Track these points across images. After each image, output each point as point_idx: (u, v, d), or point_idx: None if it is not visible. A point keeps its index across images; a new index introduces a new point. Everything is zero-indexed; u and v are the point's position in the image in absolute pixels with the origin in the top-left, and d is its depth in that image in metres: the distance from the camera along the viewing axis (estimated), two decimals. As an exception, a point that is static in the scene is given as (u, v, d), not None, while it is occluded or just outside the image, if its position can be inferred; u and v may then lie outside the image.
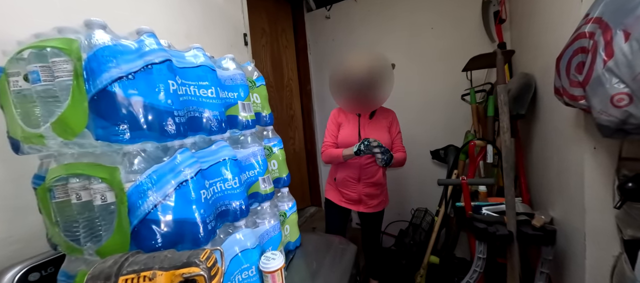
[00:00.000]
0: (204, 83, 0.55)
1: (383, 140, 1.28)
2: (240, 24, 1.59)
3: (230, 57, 0.69)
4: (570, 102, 0.87)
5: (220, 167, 0.56)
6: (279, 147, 0.82)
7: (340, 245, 0.85)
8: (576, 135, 0.97)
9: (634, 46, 0.65)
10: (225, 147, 0.60)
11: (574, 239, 1.02)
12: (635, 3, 0.66)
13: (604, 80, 0.71)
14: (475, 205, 1.26)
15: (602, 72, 0.72)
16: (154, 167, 0.44)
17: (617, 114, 0.69)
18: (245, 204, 0.60)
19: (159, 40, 0.47)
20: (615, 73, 0.69)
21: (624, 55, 0.67)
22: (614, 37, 0.70)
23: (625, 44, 0.67)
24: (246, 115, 0.68)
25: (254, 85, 0.77)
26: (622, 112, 0.68)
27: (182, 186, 0.46)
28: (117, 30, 0.89)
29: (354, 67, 1.11)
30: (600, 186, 0.90)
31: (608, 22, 0.73)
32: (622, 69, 0.68)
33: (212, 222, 0.50)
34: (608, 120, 0.72)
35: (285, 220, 0.80)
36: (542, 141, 1.31)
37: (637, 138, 0.73)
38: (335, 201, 1.43)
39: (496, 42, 1.72)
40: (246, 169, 0.65)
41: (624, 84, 0.68)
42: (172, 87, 0.46)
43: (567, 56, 0.87)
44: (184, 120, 0.49)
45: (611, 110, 0.71)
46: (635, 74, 0.65)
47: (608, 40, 0.71)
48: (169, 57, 0.47)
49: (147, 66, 0.43)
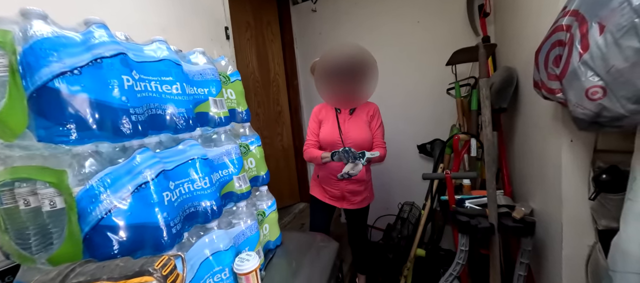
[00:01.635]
0: (167, 78, 0.52)
1: (363, 136, 1.27)
2: (222, 16, 1.53)
3: (200, 51, 0.66)
4: (548, 96, 0.88)
5: (187, 167, 0.53)
6: (257, 144, 0.80)
7: (321, 242, 0.84)
8: (554, 128, 0.98)
9: (608, 39, 0.65)
10: (195, 146, 0.57)
11: (552, 229, 1.04)
12: (610, -5, 0.66)
13: (579, 74, 0.72)
14: (458, 199, 1.28)
15: (578, 65, 0.72)
16: (107, 169, 0.41)
17: (592, 106, 0.70)
18: (217, 205, 0.58)
19: (111, 32, 0.44)
20: (590, 66, 0.69)
21: (599, 48, 0.67)
22: (590, 29, 0.70)
23: (600, 36, 0.67)
24: (218, 111, 0.65)
25: (228, 80, 0.74)
26: (596, 105, 0.69)
27: (141, 189, 0.43)
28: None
29: (339, 59, 1.08)
30: (577, 178, 0.92)
31: (584, 15, 0.73)
32: (596, 62, 0.68)
33: (178, 225, 0.47)
34: (583, 113, 0.73)
35: (264, 219, 0.78)
36: (523, 134, 1.33)
37: (611, 130, 0.75)
38: (320, 198, 1.42)
39: (480, 36, 1.73)
40: (219, 168, 0.63)
41: (599, 76, 0.68)
42: (128, 83, 0.43)
43: (545, 49, 0.87)
44: (143, 118, 0.46)
45: (586, 103, 0.71)
46: (609, 67, 0.65)
47: (584, 33, 0.71)
48: (122, 51, 0.43)
49: (96, 60, 0.40)
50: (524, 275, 1.11)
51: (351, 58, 1.08)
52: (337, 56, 1.10)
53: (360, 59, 1.08)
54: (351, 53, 1.10)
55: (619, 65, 0.64)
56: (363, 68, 1.08)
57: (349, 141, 1.27)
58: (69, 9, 0.83)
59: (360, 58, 1.08)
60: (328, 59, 1.11)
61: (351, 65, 1.07)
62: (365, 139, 1.29)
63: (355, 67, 1.07)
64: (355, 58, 1.08)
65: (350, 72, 1.07)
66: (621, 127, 0.69)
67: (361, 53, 1.10)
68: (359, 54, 1.09)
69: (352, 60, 1.08)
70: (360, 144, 1.28)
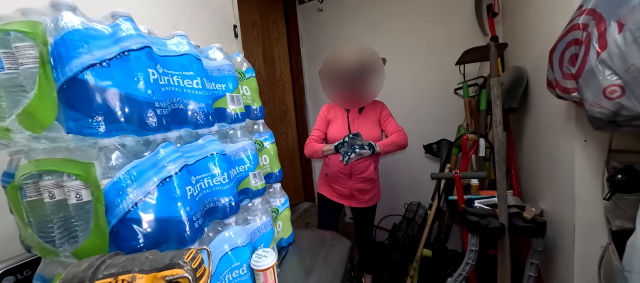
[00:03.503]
0: (188, 73, 0.52)
1: (373, 135, 1.27)
2: (230, 15, 1.53)
3: (218, 46, 0.66)
4: (562, 95, 0.87)
5: (207, 162, 0.53)
6: (271, 141, 0.80)
7: (333, 240, 0.84)
8: (567, 128, 0.97)
9: (627, 37, 0.65)
10: (213, 141, 0.57)
11: (563, 230, 1.04)
12: (629, -6, 0.65)
13: (596, 72, 0.71)
14: (467, 199, 1.27)
15: (595, 64, 0.72)
16: (133, 162, 0.41)
17: (609, 105, 0.70)
18: (235, 201, 0.58)
19: (136, 25, 0.44)
20: (608, 65, 0.69)
21: (618, 46, 0.67)
22: (608, 28, 0.69)
23: (619, 35, 0.66)
24: (235, 108, 0.65)
25: (243, 77, 0.74)
26: (614, 104, 0.69)
27: (166, 182, 0.43)
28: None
29: (345, 60, 1.08)
30: (590, 178, 0.91)
31: (602, 13, 0.73)
32: (615, 60, 0.67)
33: (200, 220, 0.47)
34: (600, 112, 0.72)
35: (278, 216, 0.77)
36: (533, 134, 1.33)
37: (628, 130, 0.74)
38: (327, 196, 1.42)
39: (489, 36, 1.72)
40: (236, 164, 0.63)
41: (617, 75, 0.68)
42: (153, 77, 0.43)
43: (560, 48, 0.87)
44: (167, 112, 0.46)
45: (603, 102, 0.71)
46: (628, 65, 0.65)
47: (601, 32, 0.71)
48: (148, 44, 0.43)
49: (124, 53, 0.40)
50: (534, 276, 1.10)
51: (357, 58, 1.08)
52: (343, 56, 1.10)
53: (366, 58, 1.09)
54: (357, 53, 1.10)
55: (638, 64, 0.63)
56: (369, 67, 1.08)
57: (358, 140, 1.27)
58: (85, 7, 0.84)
59: (366, 57, 1.09)
60: (334, 59, 1.12)
61: (357, 65, 1.07)
62: (375, 137, 1.29)
63: (362, 67, 1.07)
64: (361, 58, 1.08)
65: (357, 72, 1.07)
66: (637, 126, 0.69)
67: (367, 52, 1.10)
68: (365, 54, 1.10)
69: (358, 60, 1.08)
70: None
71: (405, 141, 1.27)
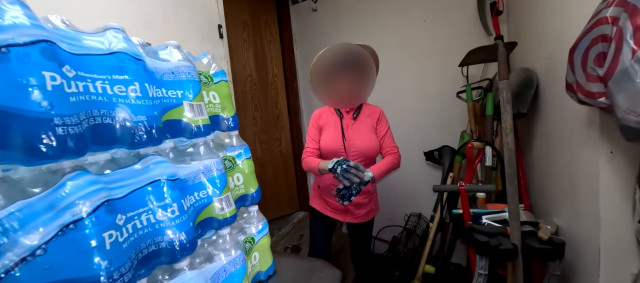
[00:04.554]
0: (120, 77, 0.40)
1: (368, 144, 1.15)
2: (214, 13, 1.42)
3: (174, 44, 0.54)
4: (585, 100, 0.75)
5: (147, 193, 0.41)
6: (246, 156, 0.67)
7: (321, 272, 0.72)
8: (589, 137, 0.85)
9: (673, 31, 0.53)
10: (160, 164, 0.44)
11: (585, 253, 0.92)
12: (674, -22, 0.54)
13: (632, 74, 0.59)
14: (474, 214, 1.15)
15: (631, 64, 0.60)
16: (15, 204, 0.28)
17: (650, 114, 0.58)
18: (188, 238, 0.45)
19: (33, 13, 0.32)
20: (648, 64, 0.57)
21: (660, 42, 0.55)
22: (646, 20, 0.58)
23: (662, 28, 0.55)
24: (196, 119, 0.53)
25: (211, 81, 0.62)
26: (657, 112, 0.57)
27: (69, 230, 0.31)
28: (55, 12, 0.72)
29: (335, 57, 1.00)
30: (618, 195, 0.79)
31: (636, 4, 0.61)
32: (657, 59, 0.56)
33: (127, 275, 0.35)
34: (636, 121, 0.60)
35: (254, 246, 0.65)
36: (545, 142, 1.21)
37: (669, 142, 0.62)
38: (320, 210, 1.29)
39: (493, 35, 1.61)
40: (193, 190, 0.50)
41: (660, 77, 0.56)
42: (53, 83, 0.31)
43: (582, 46, 0.75)
44: (79, 130, 0.33)
45: (642, 109, 0.59)
46: (675, 65, 0.53)
47: (638, 25, 0.59)
48: (46, 38, 0.31)
49: (1, 49, 0.28)
50: (551, 303, 0.98)
51: (348, 54, 1.00)
52: (334, 53, 1.01)
53: (356, 54, 1.00)
54: (347, 49, 1.02)
55: (690, 63, 0.51)
56: (360, 63, 1.00)
57: (353, 149, 1.15)
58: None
59: (356, 53, 1.01)
60: (324, 57, 1.02)
61: (348, 60, 0.99)
62: (370, 146, 1.17)
63: (353, 63, 0.99)
64: (352, 54, 1.00)
65: (348, 68, 0.99)
66: (686, 138, 0.57)
67: (357, 48, 1.02)
68: (355, 50, 1.01)
69: (349, 55, 1.00)
70: (365, 152, 1.16)
71: (399, 164, 1.19)
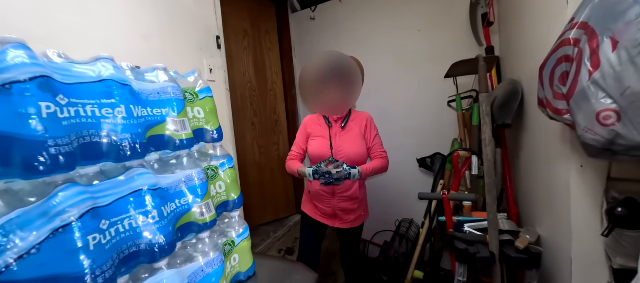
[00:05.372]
0: (108, 101, 0.46)
1: (356, 151, 1.20)
2: (213, 25, 1.49)
3: (161, 67, 0.60)
4: (554, 116, 0.79)
5: (128, 202, 0.47)
6: (229, 166, 0.73)
7: (297, 275, 0.77)
8: (562, 150, 0.88)
9: (622, 56, 0.57)
10: (143, 175, 0.51)
11: (560, 262, 0.94)
12: (624, 6, 0.57)
13: (589, 94, 0.63)
14: (457, 221, 1.18)
15: (588, 85, 0.63)
16: (14, 212, 0.35)
17: (604, 133, 0.61)
18: (167, 240, 0.51)
19: (32, 52, 0.38)
20: (602, 86, 0.60)
21: (612, 66, 0.58)
22: (601, 45, 0.61)
23: (613, 53, 0.58)
24: (180, 133, 0.59)
25: (196, 97, 0.68)
26: (609, 132, 0.60)
27: (59, 233, 0.37)
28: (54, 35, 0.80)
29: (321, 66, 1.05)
30: (588, 208, 0.82)
31: (594, 28, 0.65)
32: (609, 82, 0.59)
33: (107, 273, 0.41)
34: (594, 139, 0.64)
35: (233, 248, 0.71)
36: (530, 153, 1.23)
37: (627, 160, 0.65)
38: (311, 215, 1.34)
39: (484, 46, 1.64)
40: (174, 198, 0.56)
41: (612, 99, 0.59)
42: (48, 111, 0.37)
43: (550, 65, 0.78)
44: (69, 149, 0.40)
45: (597, 128, 0.62)
46: (624, 88, 0.57)
47: (594, 49, 0.63)
48: (44, 73, 0.38)
49: (4, 86, 0.34)
50: (528, 311, 1.00)
51: (332, 63, 1.04)
52: (319, 63, 1.06)
53: (341, 62, 1.05)
54: (332, 58, 1.06)
55: (635, 87, 0.55)
56: (346, 71, 1.05)
57: (341, 156, 1.20)
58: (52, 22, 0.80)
59: (341, 62, 1.05)
60: (310, 67, 1.08)
61: (333, 69, 1.03)
62: (359, 153, 1.21)
63: (338, 72, 1.03)
64: (337, 62, 1.05)
65: (334, 77, 1.03)
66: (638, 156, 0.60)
67: (342, 57, 1.07)
68: (340, 59, 1.06)
69: (334, 64, 1.04)
70: (353, 158, 1.21)
71: (387, 167, 1.25)
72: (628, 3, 0.56)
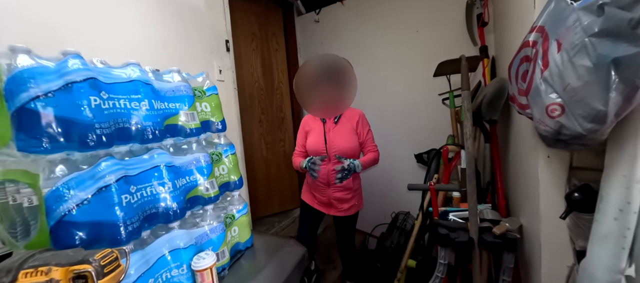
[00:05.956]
0: (136, 96, 0.60)
1: (348, 145, 1.31)
2: (222, 30, 1.65)
3: (176, 70, 0.74)
4: (520, 111, 0.87)
5: (151, 173, 0.61)
6: (231, 152, 0.87)
7: (288, 247, 0.89)
8: (533, 143, 0.96)
9: (564, 57, 0.65)
10: (161, 154, 0.65)
11: (533, 246, 1.01)
12: (567, 13, 0.65)
13: (540, 90, 0.71)
14: (442, 211, 1.27)
15: (539, 82, 0.72)
16: (73, 174, 0.49)
17: (551, 124, 0.69)
18: (179, 207, 0.65)
19: (84, 60, 0.53)
20: (550, 83, 0.69)
21: (557, 65, 0.67)
22: (550, 46, 0.70)
23: (558, 54, 0.67)
24: (189, 123, 0.73)
25: (204, 94, 0.82)
26: (555, 123, 0.68)
27: (102, 191, 0.51)
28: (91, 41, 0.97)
29: (316, 69, 1.11)
30: (554, 195, 0.89)
31: (548, 32, 0.73)
32: (555, 79, 0.68)
33: (135, 224, 0.55)
34: (545, 130, 0.72)
35: (234, 221, 0.84)
36: (514, 147, 1.29)
37: (578, 149, 0.73)
38: (309, 202, 1.47)
39: (478, 45, 1.70)
40: (186, 174, 0.70)
41: (557, 94, 0.68)
42: (95, 103, 0.52)
43: (515, 64, 0.87)
44: (109, 131, 0.54)
45: (547, 120, 0.71)
46: (565, 84, 0.65)
47: (545, 50, 0.71)
48: (92, 76, 0.52)
49: (67, 85, 0.49)
50: (505, 293, 1.08)
51: (325, 66, 1.10)
52: (312, 66, 1.12)
53: (334, 65, 1.10)
54: (324, 61, 1.11)
55: (573, 84, 0.63)
56: (339, 73, 1.09)
57: (334, 150, 1.32)
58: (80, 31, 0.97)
59: (334, 64, 1.10)
60: (304, 70, 1.14)
61: (326, 72, 1.08)
62: (350, 147, 1.32)
63: (331, 74, 1.08)
64: (329, 65, 1.10)
65: (327, 79, 1.08)
66: (584, 145, 0.68)
67: (335, 59, 1.11)
68: (333, 61, 1.11)
69: (327, 67, 1.09)
70: (345, 152, 1.32)
71: (378, 159, 1.38)
72: (570, 10, 0.64)
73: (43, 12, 0.85)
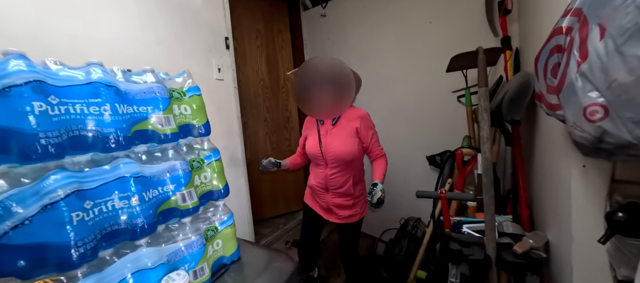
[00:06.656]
0: (95, 100, 0.54)
1: (345, 149, 1.20)
2: (222, 27, 1.59)
3: (149, 69, 0.68)
4: (548, 112, 0.73)
5: (113, 185, 0.55)
6: (214, 158, 0.80)
7: (277, 263, 0.81)
8: (565, 149, 0.81)
9: (609, 45, 0.51)
10: (127, 164, 0.58)
11: (563, 270, 0.87)
12: (614, -11, 0.52)
13: (576, 88, 0.58)
14: (455, 222, 1.14)
15: (575, 77, 0.58)
16: (13, 190, 0.43)
17: (591, 129, 0.56)
18: (147, 222, 0.58)
19: (30, 60, 0.47)
20: (589, 79, 0.55)
21: (599, 56, 0.53)
22: (590, 32, 0.56)
23: (600, 42, 0.53)
24: (165, 128, 0.67)
25: (183, 96, 0.75)
26: (596, 128, 0.55)
27: (47, 209, 0.45)
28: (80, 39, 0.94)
29: (311, 72, 1.05)
30: (590, 212, 0.75)
31: (587, 15, 0.59)
32: (596, 73, 0.54)
33: (89, 245, 0.49)
34: (581, 136, 0.59)
35: (216, 234, 0.77)
36: (541, 151, 1.13)
37: (624, 159, 0.59)
38: (311, 206, 1.40)
39: (500, 36, 1.53)
40: (157, 185, 0.64)
41: (598, 92, 0.54)
42: (40, 109, 0.46)
43: (544, 56, 0.72)
44: (59, 141, 0.48)
45: (584, 124, 0.57)
46: (611, 80, 0.51)
47: (583, 38, 0.58)
48: (37, 78, 0.46)
49: (4, 89, 0.43)
50: (527, 320, 0.94)
51: (321, 68, 1.05)
52: (309, 68, 1.07)
53: (331, 67, 1.05)
54: (321, 63, 1.06)
55: (621, 79, 0.50)
56: (336, 76, 1.04)
57: (329, 154, 1.22)
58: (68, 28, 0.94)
59: (331, 66, 1.05)
60: (300, 72, 1.09)
61: (322, 74, 1.03)
62: (346, 151, 1.21)
63: (327, 76, 1.03)
64: (326, 67, 1.05)
65: (323, 81, 1.03)
66: (633, 155, 0.54)
67: (332, 62, 1.06)
68: (330, 63, 1.06)
69: (323, 69, 1.04)
70: (341, 157, 1.22)
71: (387, 162, 1.28)
72: (618, -15, 0.51)
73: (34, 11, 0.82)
